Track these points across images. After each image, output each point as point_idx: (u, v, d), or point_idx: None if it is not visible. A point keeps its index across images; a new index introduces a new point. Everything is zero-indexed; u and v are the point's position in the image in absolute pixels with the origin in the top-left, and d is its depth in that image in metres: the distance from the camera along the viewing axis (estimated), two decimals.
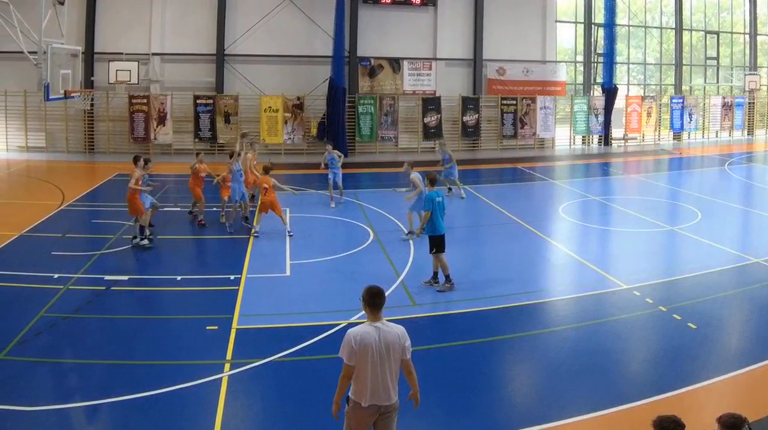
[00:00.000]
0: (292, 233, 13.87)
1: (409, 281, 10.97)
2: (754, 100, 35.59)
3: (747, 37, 35.83)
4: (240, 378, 7.57)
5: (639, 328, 9.23)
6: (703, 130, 34.67)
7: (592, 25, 31.83)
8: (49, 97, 17.12)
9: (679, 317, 9.38)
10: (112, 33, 25.70)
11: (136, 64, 24.97)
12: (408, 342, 5.21)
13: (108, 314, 9.61)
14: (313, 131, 27.05)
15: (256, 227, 13.92)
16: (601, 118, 31.13)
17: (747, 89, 34.81)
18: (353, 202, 17.17)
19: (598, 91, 31.76)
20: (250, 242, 13.39)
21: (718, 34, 35.16)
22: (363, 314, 5.30)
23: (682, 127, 33.52)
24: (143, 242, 12.90)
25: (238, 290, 10.52)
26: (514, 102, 29.61)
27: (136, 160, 13.37)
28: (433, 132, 28.37)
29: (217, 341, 8.53)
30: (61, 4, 18.58)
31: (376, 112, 27.68)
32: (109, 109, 25.86)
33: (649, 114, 32.51)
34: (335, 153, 16.91)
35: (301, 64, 27.37)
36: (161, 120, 25.91)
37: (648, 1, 34.19)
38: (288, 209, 15.67)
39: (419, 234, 10.72)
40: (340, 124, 26.30)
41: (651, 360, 8.29)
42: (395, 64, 28.41)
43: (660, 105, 33.15)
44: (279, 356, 8.08)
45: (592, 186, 21.43)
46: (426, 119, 28.43)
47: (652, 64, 35.22)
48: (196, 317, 9.41)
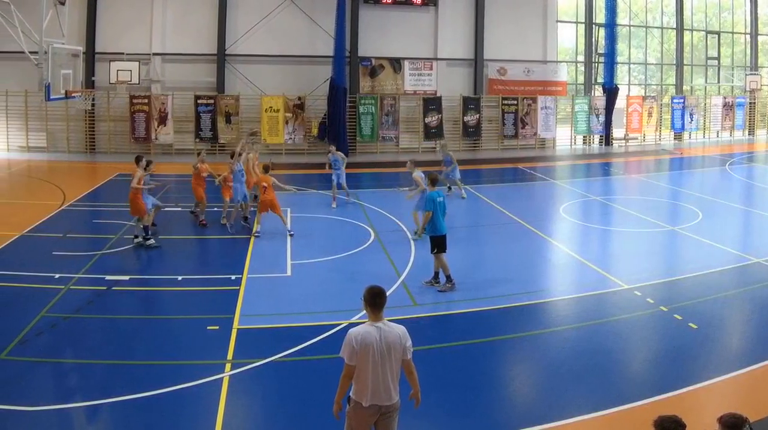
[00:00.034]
0: (293, 233, 13.88)
1: (410, 281, 10.97)
2: (755, 100, 35.57)
3: (748, 37, 35.81)
4: (241, 378, 7.57)
5: (640, 328, 9.23)
6: (704, 130, 34.66)
7: (593, 25, 31.81)
8: (50, 97, 17.10)
9: (680, 317, 9.37)
10: (113, 33, 25.72)
11: (137, 64, 24.99)
12: (409, 342, 5.21)
13: (109, 314, 9.61)
14: (314, 131, 27.07)
15: (257, 226, 13.93)
16: (602, 118, 31.12)
17: (748, 89, 34.79)
18: (354, 202, 17.17)
19: (599, 91, 31.74)
20: (251, 242, 13.40)
21: (719, 34, 35.14)
22: (364, 314, 5.30)
23: (683, 127, 33.51)
24: (150, 242, 12.91)
25: (239, 290, 10.52)
26: (515, 102, 29.61)
27: (138, 161, 13.40)
28: (434, 132, 28.39)
29: (218, 341, 8.53)
30: (62, 4, 18.56)
31: (377, 112, 27.68)
32: (110, 109, 25.91)
33: (650, 114, 32.50)
34: (339, 154, 17.10)
35: (302, 64, 27.37)
36: (162, 120, 25.92)
37: (649, 1, 34.18)
38: (289, 209, 15.68)
39: (420, 234, 10.69)
40: (341, 124, 26.30)
41: (652, 360, 8.29)
42: (396, 64, 28.41)
43: (661, 105, 33.14)
44: (280, 356, 8.08)
45: (592, 186, 21.42)
46: (427, 119, 28.42)
47: (653, 64, 35.22)
48: (197, 317, 9.41)
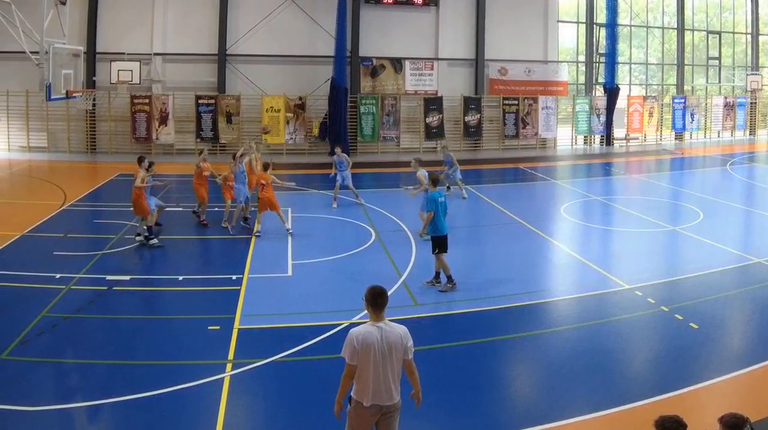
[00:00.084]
0: (292, 231, 13.89)
1: (411, 281, 10.97)
2: (756, 100, 35.54)
3: (749, 37, 35.78)
4: (242, 378, 7.57)
5: (641, 328, 9.23)
6: (705, 130, 34.63)
7: (594, 25, 31.79)
8: (51, 97, 17.09)
9: (681, 317, 9.37)
10: (114, 33, 25.73)
11: (138, 64, 25.01)
12: (410, 342, 5.21)
13: (110, 314, 9.62)
14: (315, 131, 27.09)
15: (258, 226, 13.93)
16: (602, 118, 31.10)
17: (749, 89, 34.77)
18: (355, 202, 17.17)
19: (599, 91, 31.72)
20: (252, 242, 13.40)
21: (720, 34, 35.12)
22: (365, 313, 5.30)
23: (683, 127, 33.49)
24: (152, 242, 12.93)
25: (240, 290, 10.52)
26: (516, 102, 29.59)
27: (141, 161, 13.44)
28: (434, 132, 28.39)
29: (219, 341, 8.53)
30: (63, 4, 18.55)
31: (378, 112, 27.68)
32: (111, 110, 25.93)
33: (650, 114, 32.47)
34: (344, 156, 17.19)
35: (303, 64, 27.37)
36: (163, 120, 25.93)
37: (650, 1, 34.16)
38: (290, 209, 15.70)
39: (422, 235, 10.67)
40: (342, 125, 26.31)
41: (653, 360, 8.29)
42: (397, 64, 28.40)
43: (662, 105, 33.11)
44: (281, 356, 8.08)
45: (593, 186, 21.41)
46: (428, 119, 28.42)
47: (654, 64, 35.21)
48: (198, 317, 9.41)
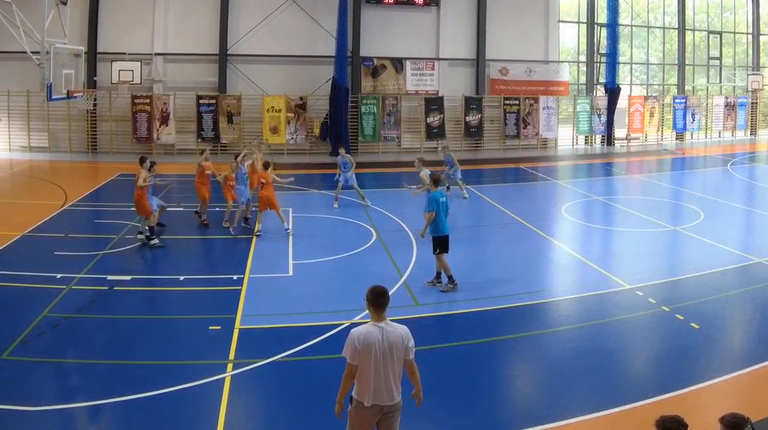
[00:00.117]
0: (290, 231, 13.90)
1: (412, 281, 10.97)
2: (756, 100, 35.50)
3: (750, 37, 35.76)
4: (243, 378, 7.57)
5: (642, 328, 9.22)
6: (706, 130, 34.59)
7: (595, 25, 31.78)
8: (52, 97, 17.12)
9: (681, 317, 9.36)
10: (115, 33, 25.73)
11: (139, 64, 25.05)
12: (411, 342, 5.21)
13: (111, 314, 9.62)
14: (316, 131, 27.08)
15: (258, 226, 13.94)
16: (603, 118, 31.09)
17: (750, 89, 34.74)
18: (356, 202, 17.16)
19: (600, 91, 31.70)
20: (253, 242, 13.40)
21: (720, 34, 35.09)
22: (366, 314, 5.31)
23: (684, 127, 33.46)
24: (153, 242, 12.95)
25: (241, 290, 10.52)
26: (517, 102, 29.58)
27: (142, 161, 13.46)
28: (435, 132, 28.38)
29: (220, 341, 8.53)
30: (64, 4, 18.58)
31: (379, 112, 27.67)
32: (112, 110, 25.94)
33: (651, 114, 32.45)
34: (347, 157, 17.27)
35: (304, 64, 27.37)
36: (164, 120, 25.93)
37: (651, 1, 34.14)
38: (291, 209, 15.70)
39: (423, 235, 10.65)
40: (342, 125, 26.31)
41: (654, 360, 8.29)
42: (398, 64, 28.40)
43: (663, 105, 33.08)
44: (282, 356, 8.08)
45: (594, 186, 21.40)
46: (429, 119, 28.41)
47: (654, 64, 35.19)
48: (199, 317, 9.42)
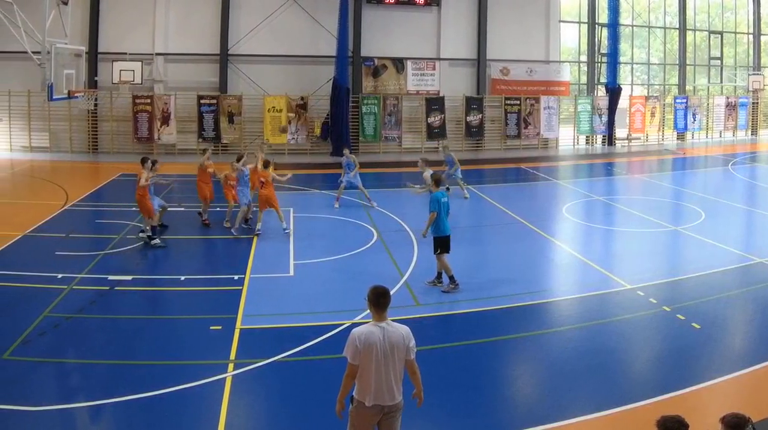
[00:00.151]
0: (288, 230, 13.89)
1: (413, 281, 10.97)
2: (757, 100, 35.49)
3: (751, 37, 35.73)
4: (244, 378, 7.58)
5: (643, 328, 9.22)
6: (707, 130, 34.57)
7: (596, 25, 31.76)
8: (53, 97, 17.11)
9: (682, 317, 9.36)
10: (116, 33, 25.75)
11: (140, 64, 25.06)
12: (412, 342, 5.21)
13: (111, 314, 9.63)
14: (317, 131, 27.08)
15: (259, 224, 13.95)
16: (604, 118, 31.08)
17: (751, 89, 34.72)
18: (357, 203, 17.17)
19: (601, 91, 31.69)
20: (254, 242, 13.41)
21: (721, 34, 35.07)
22: (367, 313, 5.30)
23: (685, 127, 33.45)
24: (154, 242, 12.96)
25: (242, 290, 10.52)
26: (518, 102, 29.57)
27: (144, 161, 13.47)
28: (436, 132, 28.38)
29: (221, 341, 8.54)
30: (65, 4, 18.57)
31: (380, 112, 27.67)
32: (113, 110, 25.96)
33: (652, 114, 32.44)
34: (351, 158, 17.33)
35: (305, 64, 27.38)
36: (165, 120, 25.94)
37: (651, 1, 34.12)
38: (291, 209, 15.71)
39: (425, 235, 10.65)
40: (343, 125, 26.32)
41: (655, 360, 8.28)
42: (399, 64, 28.39)
43: (664, 105, 33.07)
44: (283, 356, 8.09)
45: (595, 186, 21.39)
46: (429, 119, 28.41)
47: (655, 64, 35.16)
48: (200, 317, 9.42)
